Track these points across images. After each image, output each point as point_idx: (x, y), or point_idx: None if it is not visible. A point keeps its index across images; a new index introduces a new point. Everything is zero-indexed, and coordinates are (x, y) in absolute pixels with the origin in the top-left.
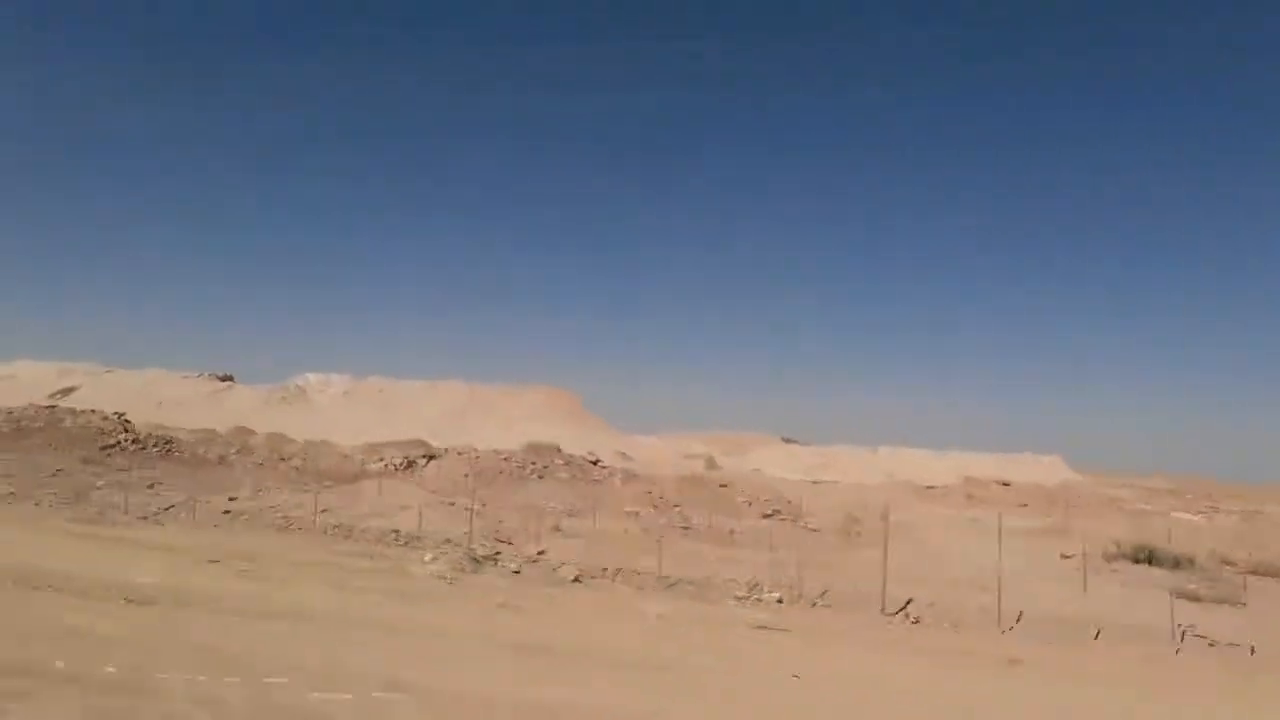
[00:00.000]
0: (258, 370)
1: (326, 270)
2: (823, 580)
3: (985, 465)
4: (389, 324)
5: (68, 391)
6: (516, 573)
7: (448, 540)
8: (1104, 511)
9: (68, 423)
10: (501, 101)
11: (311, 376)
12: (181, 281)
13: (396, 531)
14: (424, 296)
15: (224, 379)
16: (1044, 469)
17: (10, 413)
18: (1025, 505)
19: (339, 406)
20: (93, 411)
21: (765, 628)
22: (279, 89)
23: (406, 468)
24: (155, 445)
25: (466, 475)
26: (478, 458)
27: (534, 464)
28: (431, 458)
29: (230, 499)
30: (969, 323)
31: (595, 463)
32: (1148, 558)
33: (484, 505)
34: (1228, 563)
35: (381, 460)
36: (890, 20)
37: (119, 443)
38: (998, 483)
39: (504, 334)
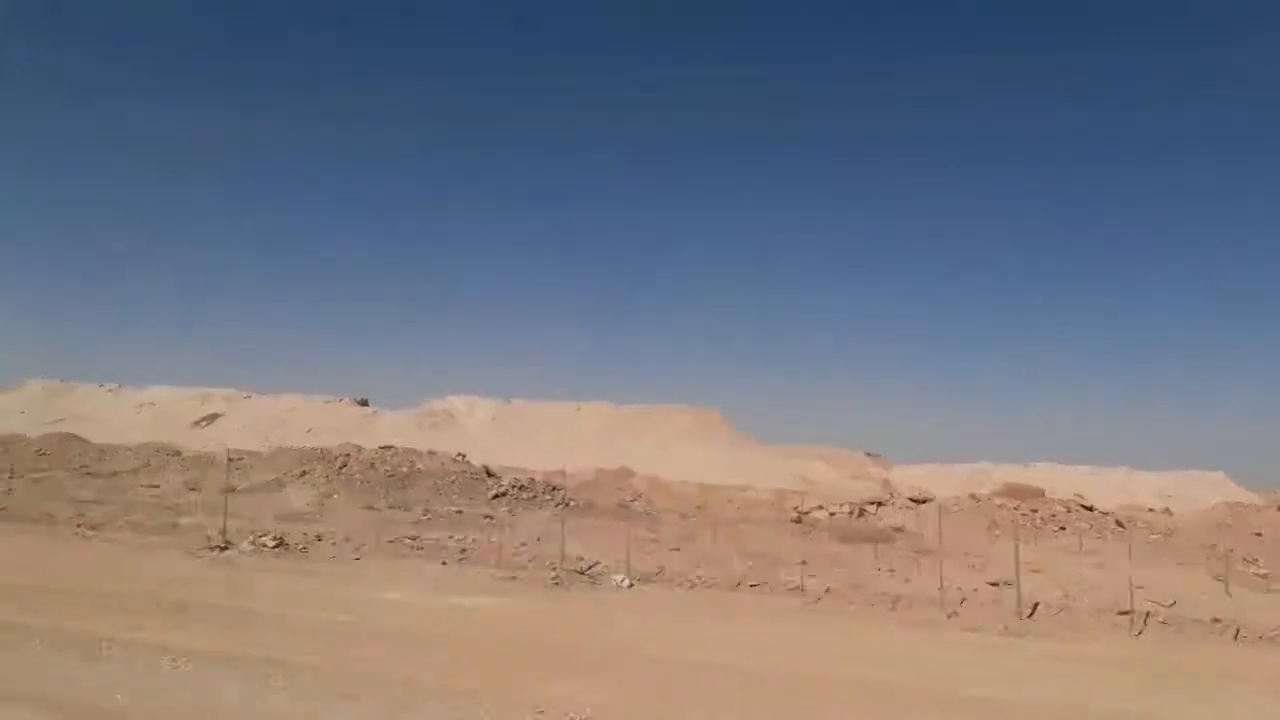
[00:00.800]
0: (380, 392)
1: (449, 289)
2: None
3: (1150, 483)
4: (509, 342)
5: (213, 418)
6: None
7: None
8: None
9: (421, 465)
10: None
11: (455, 399)
12: (302, 303)
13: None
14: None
15: (361, 403)
16: (1212, 486)
17: (350, 454)
18: None
19: (488, 431)
20: (432, 453)
21: None
22: (403, 107)
23: (858, 515)
24: (545, 492)
25: (990, 528)
26: (958, 507)
27: (1033, 512)
28: (878, 504)
29: (904, 579)
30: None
31: (1089, 508)
32: None
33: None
34: None
35: (820, 507)
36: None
37: (507, 490)
38: (1276, 508)
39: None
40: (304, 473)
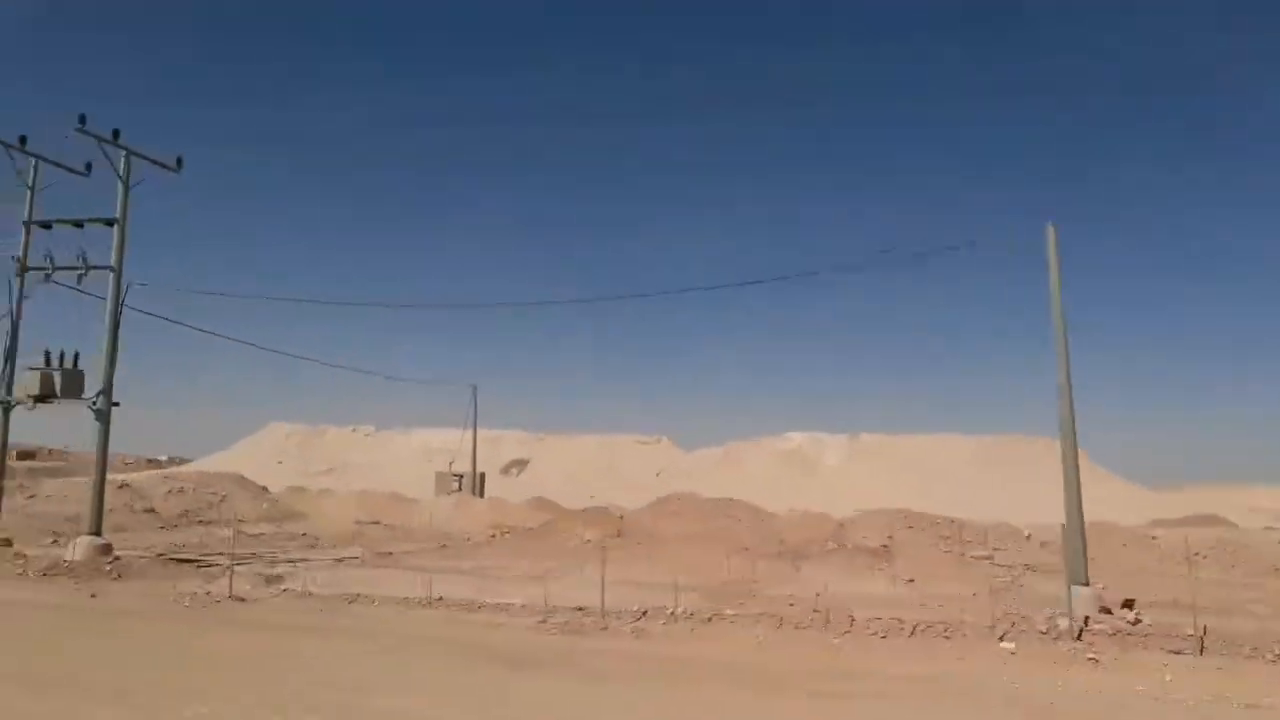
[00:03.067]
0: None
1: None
2: None
3: None
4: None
5: (522, 464)
6: None
7: None
8: None
9: None
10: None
11: (797, 435)
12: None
13: None
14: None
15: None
16: None
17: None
18: None
19: (843, 470)
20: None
21: None
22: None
23: None
24: None
25: None
26: None
27: None
28: None
29: None
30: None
31: None
32: None
33: None
34: None
35: None
36: None
37: None
38: None
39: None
40: None
